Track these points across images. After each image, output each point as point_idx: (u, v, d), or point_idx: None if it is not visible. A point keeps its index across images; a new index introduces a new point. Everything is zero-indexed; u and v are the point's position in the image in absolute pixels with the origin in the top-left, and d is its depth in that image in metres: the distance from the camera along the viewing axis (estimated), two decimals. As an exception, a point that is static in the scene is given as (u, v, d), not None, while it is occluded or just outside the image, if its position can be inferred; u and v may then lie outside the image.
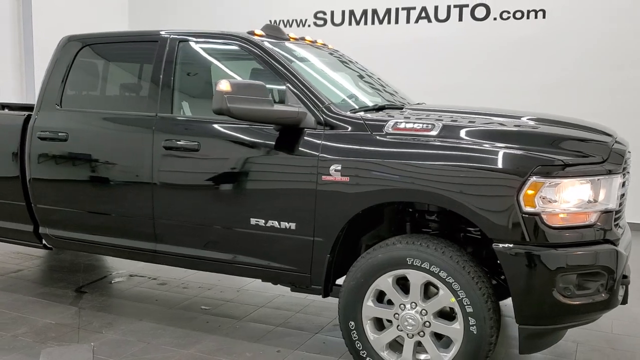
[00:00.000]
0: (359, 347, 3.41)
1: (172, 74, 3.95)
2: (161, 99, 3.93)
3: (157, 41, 4.08)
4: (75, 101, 4.37)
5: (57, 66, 4.34)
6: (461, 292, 3.13)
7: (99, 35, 4.40)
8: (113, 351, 3.91)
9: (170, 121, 3.88)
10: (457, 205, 3.13)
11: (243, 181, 3.67)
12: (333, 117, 3.49)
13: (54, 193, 4.30)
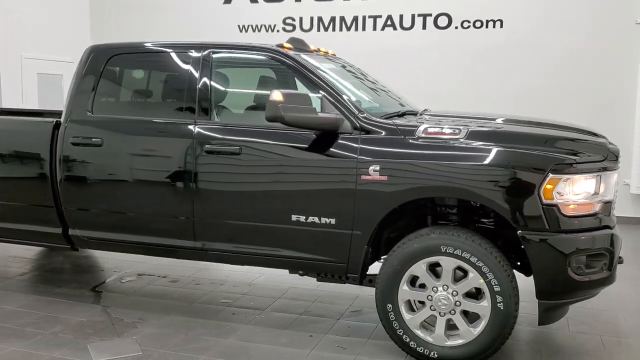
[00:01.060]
0: (396, 326, 3.84)
1: (208, 83, 4.25)
2: (199, 107, 4.23)
3: (190, 51, 4.37)
4: (108, 108, 4.58)
5: (86, 74, 4.54)
6: (490, 274, 3.62)
7: (128, 45, 4.64)
8: (156, 343, 4.17)
9: (210, 127, 4.18)
10: (487, 200, 3.62)
11: (284, 181, 4.03)
12: (368, 123, 3.91)
13: (87, 196, 4.49)
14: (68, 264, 6.21)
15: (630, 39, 8.24)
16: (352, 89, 4.28)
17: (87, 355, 3.95)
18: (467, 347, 3.74)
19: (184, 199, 4.23)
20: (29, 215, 4.69)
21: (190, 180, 4.19)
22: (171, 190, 4.27)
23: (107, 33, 10.89)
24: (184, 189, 4.21)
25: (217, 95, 4.32)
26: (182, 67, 4.40)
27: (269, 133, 4.08)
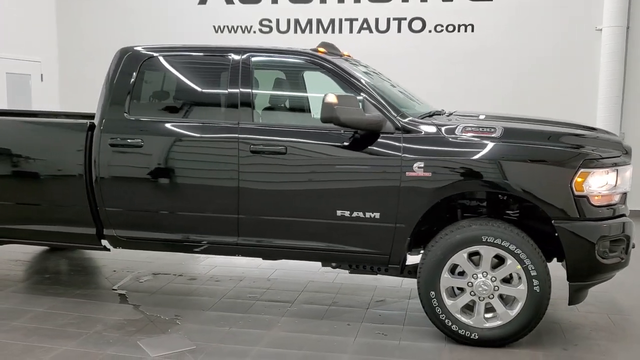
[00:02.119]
0: (438, 312, 4.15)
1: (249, 86, 4.43)
2: (242, 109, 4.39)
3: (229, 55, 4.52)
4: (145, 110, 4.66)
5: (120, 77, 4.61)
6: (527, 260, 3.98)
7: (163, 48, 4.73)
8: (203, 337, 4.31)
9: (254, 128, 4.36)
10: (524, 192, 3.98)
11: (328, 179, 4.26)
12: (408, 123, 4.20)
13: (127, 196, 4.56)
14: (73, 266, 6.21)
15: (591, 44, 8.89)
16: (388, 91, 4.54)
17: (140, 352, 4.05)
18: (505, 328, 4.09)
19: (228, 197, 4.38)
20: (62, 217, 4.70)
21: (235, 179, 4.34)
22: (216, 189, 4.41)
23: (75, 33, 10.74)
24: (229, 187, 4.36)
25: (258, 98, 4.49)
26: (221, 70, 4.54)
27: (313, 133, 4.31)
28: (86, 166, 4.58)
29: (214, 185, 4.42)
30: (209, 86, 4.78)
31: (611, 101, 8.74)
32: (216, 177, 4.42)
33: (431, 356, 4.03)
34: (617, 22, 8.68)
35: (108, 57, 10.33)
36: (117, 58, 4.68)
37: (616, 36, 8.70)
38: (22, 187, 4.71)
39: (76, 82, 10.79)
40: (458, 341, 4.18)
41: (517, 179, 3.98)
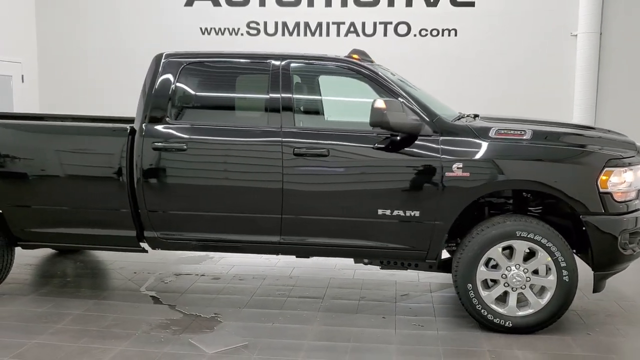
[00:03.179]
0: (475, 302, 4.45)
1: (290, 92, 4.62)
2: (283, 114, 4.58)
3: (269, 61, 4.70)
4: (187, 115, 4.77)
5: (160, 82, 4.72)
6: (557, 252, 4.32)
7: (202, 54, 4.86)
8: (250, 333, 4.47)
9: (297, 132, 4.55)
10: (554, 190, 4.32)
11: (370, 179, 4.50)
12: (445, 126, 4.48)
13: (171, 199, 4.67)
14: (90, 269, 6.23)
15: (567, 48, 9.43)
16: (421, 96, 4.80)
17: (196, 349, 4.19)
18: (537, 316, 4.42)
19: (272, 198, 4.55)
20: (102, 220, 4.77)
21: (279, 181, 4.52)
22: (259, 190, 4.58)
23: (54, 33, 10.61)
24: (273, 189, 4.54)
25: (298, 102, 4.68)
26: (261, 76, 4.70)
27: (354, 136, 4.54)
28: (127, 170, 4.65)
29: (258, 187, 4.58)
30: (249, 91, 4.94)
31: (586, 103, 9.29)
32: (260, 180, 4.58)
33: (472, 344, 4.32)
34: (591, 29, 9.23)
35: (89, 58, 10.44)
36: (155, 63, 4.78)
37: (590, 42, 9.26)
38: (64, 191, 4.75)
39: (56, 83, 10.67)
40: (492, 329, 4.48)
41: (548, 177, 4.31)
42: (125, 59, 10.42)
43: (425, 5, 9.69)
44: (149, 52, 10.23)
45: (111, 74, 10.44)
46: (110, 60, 10.47)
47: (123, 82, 10.42)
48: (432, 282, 5.76)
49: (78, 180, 4.76)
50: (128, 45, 10.37)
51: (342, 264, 6.26)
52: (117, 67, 10.44)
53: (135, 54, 10.33)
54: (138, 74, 10.32)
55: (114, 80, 10.43)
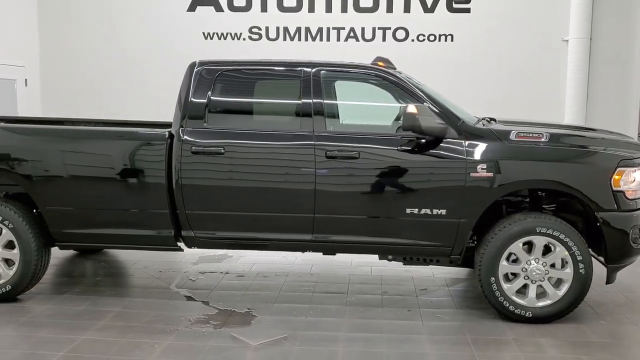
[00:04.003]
0: (497, 295, 4.76)
1: (322, 97, 4.89)
2: (315, 118, 4.84)
3: (300, 68, 4.96)
4: (222, 120, 4.99)
5: (196, 89, 4.95)
6: (574, 247, 4.65)
7: (237, 62, 5.10)
8: (287, 326, 4.71)
9: (328, 136, 4.81)
10: (572, 189, 4.65)
11: (398, 180, 4.78)
12: (468, 129, 4.79)
13: (208, 199, 4.90)
14: (115, 268, 6.41)
15: (558, 52, 9.83)
16: (444, 101, 5.09)
17: (240, 341, 4.42)
18: (554, 306, 4.75)
19: (305, 198, 4.81)
20: (141, 221, 4.97)
21: (312, 182, 4.78)
22: (293, 191, 4.83)
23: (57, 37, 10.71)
24: (306, 189, 4.79)
25: (329, 107, 4.95)
26: (293, 82, 4.96)
27: (383, 139, 4.82)
28: (166, 173, 4.87)
29: (292, 188, 4.83)
30: (282, 97, 5.19)
31: (577, 105, 9.70)
32: (293, 181, 4.83)
33: (496, 333, 4.62)
34: (582, 34, 9.65)
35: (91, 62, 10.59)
36: (190, 71, 5.00)
37: (581, 46, 9.67)
38: (103, 194, 4.94)
39: (58, 87, 10.77)
40: (513, 319, 4.79)
41: (566, 177, 4.64)
42: (127, 63, 10.56)
43: (423, 11, 10.01)
44: (152, 56, 10.49)
45: (113, 78, 10.57)
46: (112, 65, 10.60)
47: (125, 86, 10.58)
48: (447, 277, 6.06)
49: (118, 183, 4.95)
50: (130, 50, 10.52)
51: (358, 261, 6.54)
52: (119, 71, 10.58)
53: (137, 58, 10.51)
54: (140, 78, 10.55)
55: (116, 84, 10.57)
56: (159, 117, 7.09)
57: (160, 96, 10.02)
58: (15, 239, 5.02)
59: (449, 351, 4.30)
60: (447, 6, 9.98)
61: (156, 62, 10.30)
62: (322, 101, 4.89)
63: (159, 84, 10.13)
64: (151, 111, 9.47)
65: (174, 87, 10.14)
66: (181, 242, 5.13)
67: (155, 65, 10.30)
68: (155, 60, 10.38)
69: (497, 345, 4.40)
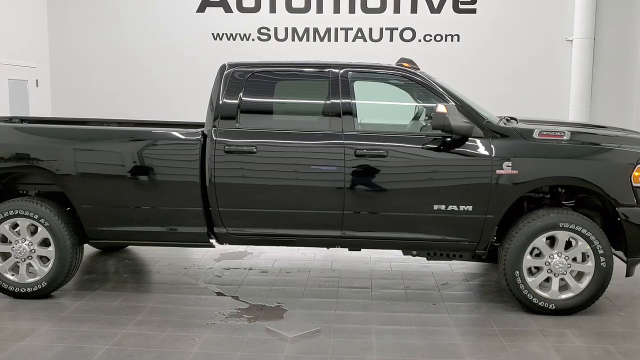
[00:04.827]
0: (522, 288, 4.93)
1: (350, 97, 5.04)
2: (344, 117, 5.00)
3: (328, 69, 5.12)
4: (254, 120, 5.13)
5: (228, 90, 5.09)
6: (596, 241, 4.84)
7: (266, 63, 5.24)
8: (319, 319, 4.85)
9: (357, 135, 4.97)
10: (593, 185, 4.83)
11: (426, 177, 4.94)
12: (493, 128, 4.96)
13: (241, 197, 5.03)
14: (138, 265, 6.53)
15: (562, 52, 10.05)
16: (469, 100, 5.25)
17: (275, 334, 4.56)
18: (576, 298, 4.93)
19: (335, 196, 4.96)
20: (175, 218, 5.11)
21: (341, 180, 4.93)
22: (324, 188, 4.98)
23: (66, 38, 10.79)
24: (336, 187, 4.95)
25: (358, 107, 5.11)
26: (322, 83, 5.11)
27: (410, 138, 4.99)
28: (199, 171, 5.01)
29: (322, 186, 4.98)
30: (311, 97, 5.34)
31: (581, 104, 9.92)
32: (324, 179, 4.98)
33: (522, 324, 4.80)
34: (585, 34, 9.87)
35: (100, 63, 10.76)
36: (221, 73, 5.14)
37: (584, 46, 9.89)
38: (139, 192, 5.07)
39: (68, 87, 10.86)
40: (537, 311, 4.96)
41: (588, 174, 4.83)
42: (136, 63, 10.68)
43: (430, 12, 10.20)
44: (161, 57, 10.60)
45: (122, 78, 10.69)
46: (121, 65, 10.71)
47: (134, 86, 10.69)
48: (466, 272, 6.24)
49: (152, 182, 5.07)
50: (139, 50, 10.64)
51: (376, 257, 6.71)
52: (128, 72, 10.69)
53: (146, 58, 10.62)
54: (149, 78, 10.66)
55: (125, 85, 10.68)
56: (169, 116, 7.24)
57: (170, 96, 10.21)
58: (50, 237, 5.14)
59: (479, 342, 4.47)
60: (453, 7, 10.18)
61: (165, 62, 10.43)
62: (351, 101, 5.04)
63: (169, 84, 10.26)
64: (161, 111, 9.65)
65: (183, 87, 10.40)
66: (212, 239, 5.25)
67: (164, 65, 10.42)
68: (165, 60, 10.50)
69: (525, 336, 4.57)
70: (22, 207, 5.15)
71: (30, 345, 4.32)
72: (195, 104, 10.27)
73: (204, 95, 9.92)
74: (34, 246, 5.18)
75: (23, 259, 5.19)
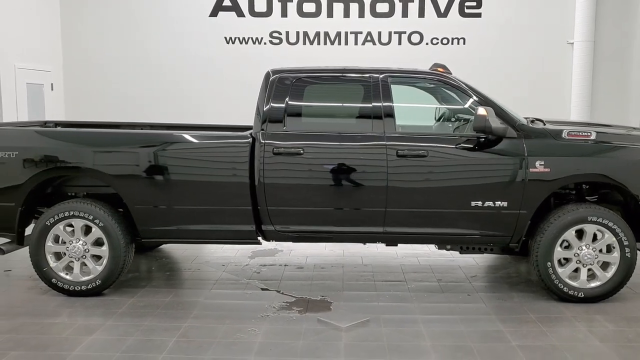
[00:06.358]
0: (553, 278, 5.28)
1: (391, 101, 5.36)
2: (385, 120, 5.31)
3: (369, 74, 5.43)
4: (299, 123, 5.41)
5: (275, 95, 5.38)
6: (621, 233, 5.20)
7: (310, 69, 5.53)
8: (366, 310, 5.14)
9: (398, 136, 5.28)
10: (617, 181, 5.20)
11: (464, 175, 5.27)
12: (525, 129, 5.31)
13: (288, 196, 5.31)
14: (174, 263, 6.77)
15: (564, 54, 10.47)
16: (501, 103, 5.58)
17: (328, 324, 4.85)
18: (603, 287, 5.29)
19: (378, 194, 5.27)
20: (225, 217, 5.38)
21: (384, 180, 5.24)
22: (368, 187, 5.29)
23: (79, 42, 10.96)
24: (379, 186, 5.26)
25: (398, 110, 5.42)
26: (364, 88, 5.42)
27: (448, 139, 5.32)
28: (249, 172, 5.28)
29: (366, 184, 5.29)
30: (353, 101, 5.63)
31: (582, 104, 10.35)
32: (367, 178, 5.29)
33: (554, 312, 5.15)
34: (586, 37, 10.30)
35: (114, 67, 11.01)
36: (266, 79, 5.43)
37: (585, 49, 10.32)
38: (191, 192, 5.32)
39: (81, 91, 11.03)
40: (566, 300, 5.32)
41: (614, 171, 5.20)
42: (149, 67, 10.88)
43: (437, 16, 10.54)
44: (174, 60, 10.82)
45: (135, 82, 10.88)
46: (134, 69, 10.91)
47: (147, 89, 10.90)
48: (489, 265, 6.59)
49: (203, 183, 5.34)
50: (152, 54, 10.84)
51: (403, 252, 7.03)
52: (141, 76, 10.89)
53: (159, 62, 10.84)
54: (162, 82, 10.87)
55: (138, 88, 10.88)
56: (182, 119, 7.47)
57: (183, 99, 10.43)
58: (104, 237, 5.37)
59: (520, 328, 4.80)
60: (459, 11, 10.53)
61: (178, 65, 10.65)
62: (392, 104, 5.35)
63: (182, 87, 10.49)
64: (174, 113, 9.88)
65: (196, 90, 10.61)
66: (259, 237, 5.53)
67: (177, 68, 10.65)
68: (178, 64, 10.73)
69: (560, 322, 4.92)
70: (77, 208, 5.37)
71: (101, 338, 4.56)
72: (209, 106, 10.56)
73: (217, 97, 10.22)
74: (88, 246, 5.40)
75: (77, 258, 5.41)
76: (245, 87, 9.62)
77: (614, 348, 4.42)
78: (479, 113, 4.97)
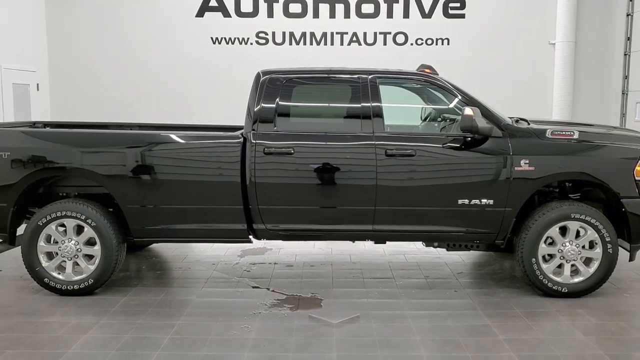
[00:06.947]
0: (538, 273, 5.43)
1: (379, 102, 5.46)
2: (375, 120, 5.42)
3: (358, 75, 5.53)
4: (289, 124, 5.50)
5: (265, 96, 5.46)
6: (603, 229, 5.36)
7: (300, 70, 5.62)
8: (356, 307, 5.23)
9: (387, 136, 5.39)
10: (600, 179, 5.35)
11: (451, 174, 5.39)
12: (511, 128, 5.44)
13: (279, 195, 5.40)
14: (164, 262, 6.82)
15: (546, 55, 10.67)
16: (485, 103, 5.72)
17: (319, 321, 4.95)
18: (586, 282, 5.45)
19: (367, 193, 5.38)
20: (217, 216, 5.45)
21: (373, 178, 5.35)
22: (357, 186, 5.39)
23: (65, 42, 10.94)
24: (368, 184, 5.36)
25: (386, 111, 5.53)
26: (353, 88, 5.52)
27: (436, 138, 5.44)
28: (240, 171, 5.36)
29: (355, 184, 5.39)
30: (342, 102, 5.73)
31: (564, 103, 10.55)
32: (356, 177, 5.39)
33: (539, 306, 5.29)
34: (567, 38, 10.50)
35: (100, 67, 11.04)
36: (257, 79, 5.50)
37: (566, 49, 10.52)
38: (183, 192, 5.38)
39: (67, 91, 11.01)
40: (551, 295, 5.46)
41: (597, 169, 5.35)
42: (135, 67, 10.89)
43: (421, 17, 10.69)
44: (160, 61, 10.84)
45: (121, 82, 10.89)
46: (120, 69, 10.92)
47: (133, 90, 10.91)
48: (475, 262, 6.73)
49: (195, 182, 5.40)
50: (138, 54, 10.86)
51: (390, 250, 7.15)
52: (127, 76, 10.90)
53: (145, 62, 10.86)
54: (149, 82, 10.88)
55: (124, 89, 10.89)
56: (168, 119, 7.52)
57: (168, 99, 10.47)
58: (96, 236, 5.42)
59: (506, 322, 4.93)
60: (443, 12, 10.68)
61: (165, 66, 10.68)
62: (381, 104, 5.46)
63: (168, 87, 10.52)
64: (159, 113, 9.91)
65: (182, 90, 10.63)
66: (250, 235, 5.60)
67: (163, 69, 10.68)
68: (164, 64, 10.75)
69: (545, 316, 5.07)
70: (70, 208, 5.41)
71: (96, 337, 4.61)
72: (195, 106, 10.59)
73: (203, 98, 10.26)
74: (80, 245, 5.44)
75: (69, 258, 5.45)
76: (230, 87, 9.74)
77: (596, 340, 4.57)
78: (466, 113, 5.09)
